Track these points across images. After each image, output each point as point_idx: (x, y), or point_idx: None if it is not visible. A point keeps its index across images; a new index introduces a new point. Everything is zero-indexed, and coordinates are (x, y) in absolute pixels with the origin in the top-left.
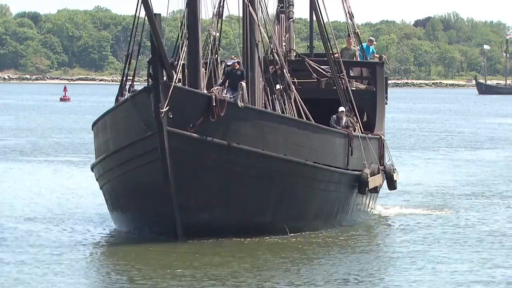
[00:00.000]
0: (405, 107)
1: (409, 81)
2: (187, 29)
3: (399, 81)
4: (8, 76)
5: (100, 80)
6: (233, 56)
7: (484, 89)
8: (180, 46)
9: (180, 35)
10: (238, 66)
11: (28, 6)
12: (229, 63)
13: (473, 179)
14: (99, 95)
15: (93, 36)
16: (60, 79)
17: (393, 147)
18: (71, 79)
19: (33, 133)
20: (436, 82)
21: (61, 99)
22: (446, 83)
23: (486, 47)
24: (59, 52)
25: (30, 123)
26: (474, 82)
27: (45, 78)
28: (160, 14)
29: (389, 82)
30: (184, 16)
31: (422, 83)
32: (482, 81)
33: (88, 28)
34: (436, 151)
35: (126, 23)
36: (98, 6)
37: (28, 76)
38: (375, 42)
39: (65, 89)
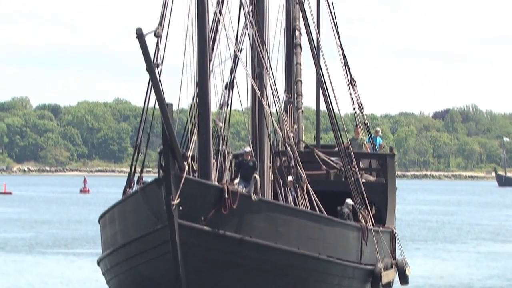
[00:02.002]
0: (424, 198)
1: (428, 173)
2: (198, 119)
3: (418, 173)
4: (28, 168)
5: (120, 172)
6: (246, 147)
7: (504, 181)
8: (190, 137)
9: (190, 125)
10: (250, 157)
11: (48, 99)
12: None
13: (492, 273)
14: (118, 186)
15: (113, 128)
16: (80, 171)
17: (410, 239)
18: (91, 171)
19: (51, 225)
20: (456, 174)
21: (81, 191)
22: (466, 175)
23: (505, 139)
24: (78, 144)
25: (48, 215)
26: (493, 174)
27: (65, 170)
28: (171, 104)
29: (408, 173)
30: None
31: (441, 175)
32: (502, 173)
33: (107, 120)
34: (455, 243)
35: (149, 115)
36: (117, 98)
37: (48, 168)
38: (380, 133)
39: (85, 180)
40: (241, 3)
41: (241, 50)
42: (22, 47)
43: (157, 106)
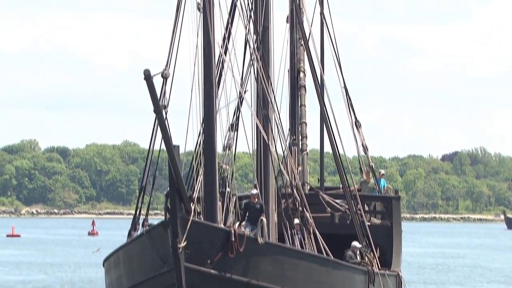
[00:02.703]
0: (433, 241)
1: (437, 216)
2: (204, 162)
3: (426, 216)
4: (36, 210)
5: (128, 214)
6: (253, 190)
7: None
8: (195, 178)
9: (195, 167)
10: (256, 199)
11: (57, 141)
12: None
13: None
14: (127, 229)
15: (121, 170)
16: (88, 213)
17: (418, 282)
18: (99, 213)
19: (59, 268)
20: (464, 217)
21: (89, 233)
22: (474, 218)
23: None
24: (87, 186)
25: (57, 258)
26: (502, 217)
27: (73, 212)
28: (178, 146)
29: (417, 216)
30: (198, 145)
31: (450, 218)
32: (510, 216)
33: (116, 163)
34: (464, 287)
35: (154, 157)
36: (126, 140)
37: (56, 211)
38: (384, 175)
39: (93, 223)
40: (246, 43)
41: (246, 90)
42: (30, 89)
43: (163, 147)
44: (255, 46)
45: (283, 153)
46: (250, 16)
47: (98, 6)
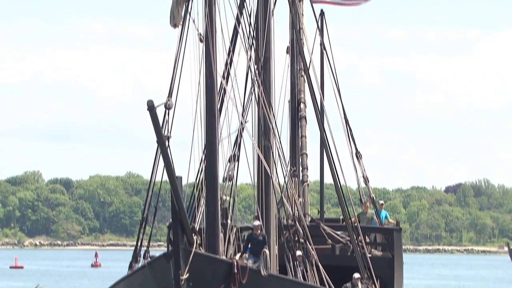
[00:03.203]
0: (437, 273)
1: (441, 247)
2: (206, 193)
3: (430, 247)
4: (39, 242)
5: (131, 246)
6: (256, 221)
7: None
8: (196, 209)
9: (196, 197)
10: (259, 231)
11: (60, 173)
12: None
13: None
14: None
15: (125, 202)
16: (91, 245)
17: None
18: (102, 245)
19: None
20: (468, 249)
21: (92, 265)
22: (478, 250)
23: None
24: (90, 218)
25: None
26: (506, 249)
27: (76, 244)
28: (181, 177)
29: (420, 248)
30: (199, 175)
31: (453, 249)
32: None
33: (119, 194)
34: None
35: (157, 188)
36: (129, 172)
37: (59, 242)
38: (384, 206)
39: (96, 255)
40: (247, 73)
41: (247, 121)
42: (34, 121)
43: (165, 178)
44: (257, 76)
45: (285, 184)
46: (252, 46)
47: (101, 39)
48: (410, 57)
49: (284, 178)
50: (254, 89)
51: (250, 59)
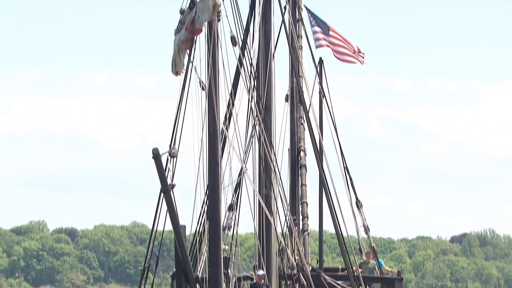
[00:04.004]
0: None
1: None
2: (208, 242)
3: None
4: None
5: None
6: (259, 271)
7: None
8: (197, 258)
9: (198, 245)
10: (263, 280)
11: (65, 222)
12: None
13: None
14: None
15: (129, 251)
16: None
17: None
18: None
19: None
20: None
21: None
22: None
23: None
24: (95, 267)
25: None
26: None
27: None
28: (185, 226)
29: None
30: (201, 224)
31: None
32: None
33: (124, 244)
34: None
35: (163, 238)
36: (134, 221)
37: None
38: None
39: None
40: (248, 120)
41: (247, 169)
42: (38, 171)
43: (167, 227)
44: (260, 123)
45: (287, 233)
46: (253, 94)
47: (106, 89)
48: (415, 107)
49: (286, 227)
50: (254, 137)
51: (251, 107)
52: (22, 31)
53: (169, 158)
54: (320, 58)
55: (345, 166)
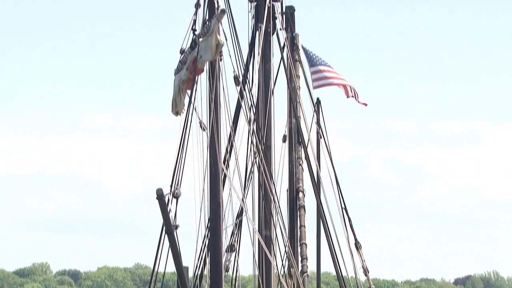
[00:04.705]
0: None
1: None
2: (210, 284)
3: None
4: None
5: None
6: None
7: None
8: None
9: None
10: None
11: (68, 264)
12: None
13: None
14: None
15: None
16: None
17: None
18: None
19: None
20: None
21: None
22: None
23: None
24: None
25: None
26: None
27: None
28: (187, 267)
29: None
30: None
31: None
32: None
33: (127, 286)
34: None
35: (166, 280)
36: (138, 263)
37: None
38: None
39: None
40: (247, 160)
41: (247, 210)
42: (42, 212)
43: (169, 269)
44: (261, 163)
45: (286, 275)
46: (254, 135)
47: (108, 130)
48: (417, 148)
49: (287, 268)
50: (253, 176)
51: (251, 148)
52: (24, 71)
53: (171, 198)
54: (318, 99)
55: (343, 206)
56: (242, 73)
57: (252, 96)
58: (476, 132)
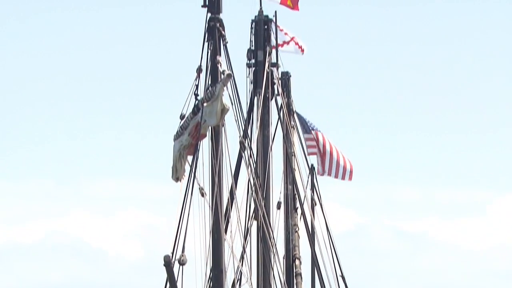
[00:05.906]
0: None
1: None
2: None
3: None
4: None
5: None
6: None
7: None
8: None
9: None
10: None
11: None
12: None
13: None
14: None
15: None
16: None
17: None
18: None
19: None
20: None
21: None
22: None
23: None
24: None
25: None
26: None
27: None
28: None
29: None
30: None
31: None
32: None
33: None
34: None
35: None
36: None
37: None
38: None
39: None
40: (246, 229)
41: (248, 280)
42: (45, 281)
43: None
44: (265, 231)
45: None
46: (256, 202)
47: (112, 198)
48: (422, 218)
49: None
50: (250, 241)
51: (251, 215)
52: (27, 141)
53: (178, 265)
54: (312, 165)
55: (339, 273)
56: (243, 138)
57: (256, 163)
58: (480, 201)
